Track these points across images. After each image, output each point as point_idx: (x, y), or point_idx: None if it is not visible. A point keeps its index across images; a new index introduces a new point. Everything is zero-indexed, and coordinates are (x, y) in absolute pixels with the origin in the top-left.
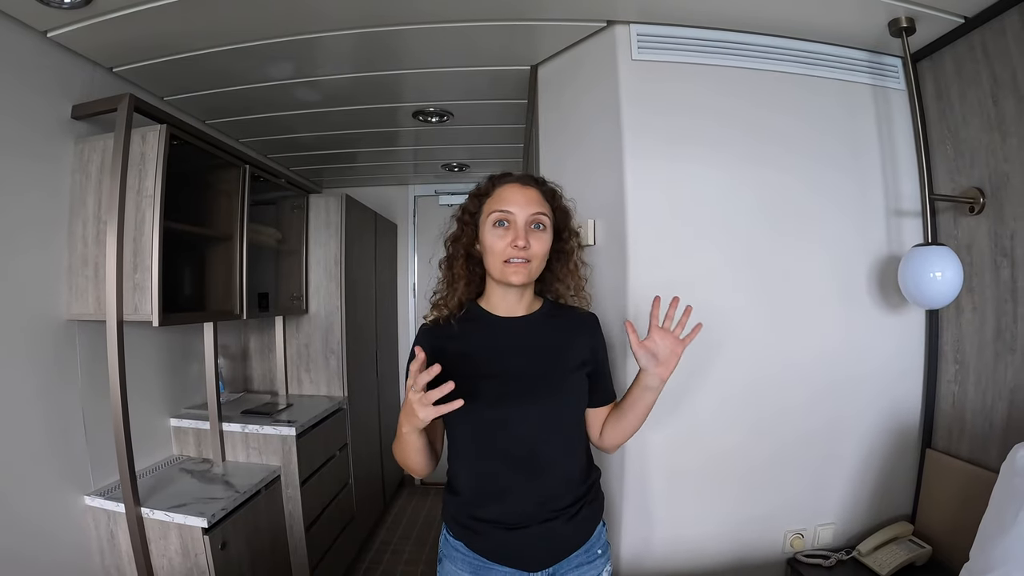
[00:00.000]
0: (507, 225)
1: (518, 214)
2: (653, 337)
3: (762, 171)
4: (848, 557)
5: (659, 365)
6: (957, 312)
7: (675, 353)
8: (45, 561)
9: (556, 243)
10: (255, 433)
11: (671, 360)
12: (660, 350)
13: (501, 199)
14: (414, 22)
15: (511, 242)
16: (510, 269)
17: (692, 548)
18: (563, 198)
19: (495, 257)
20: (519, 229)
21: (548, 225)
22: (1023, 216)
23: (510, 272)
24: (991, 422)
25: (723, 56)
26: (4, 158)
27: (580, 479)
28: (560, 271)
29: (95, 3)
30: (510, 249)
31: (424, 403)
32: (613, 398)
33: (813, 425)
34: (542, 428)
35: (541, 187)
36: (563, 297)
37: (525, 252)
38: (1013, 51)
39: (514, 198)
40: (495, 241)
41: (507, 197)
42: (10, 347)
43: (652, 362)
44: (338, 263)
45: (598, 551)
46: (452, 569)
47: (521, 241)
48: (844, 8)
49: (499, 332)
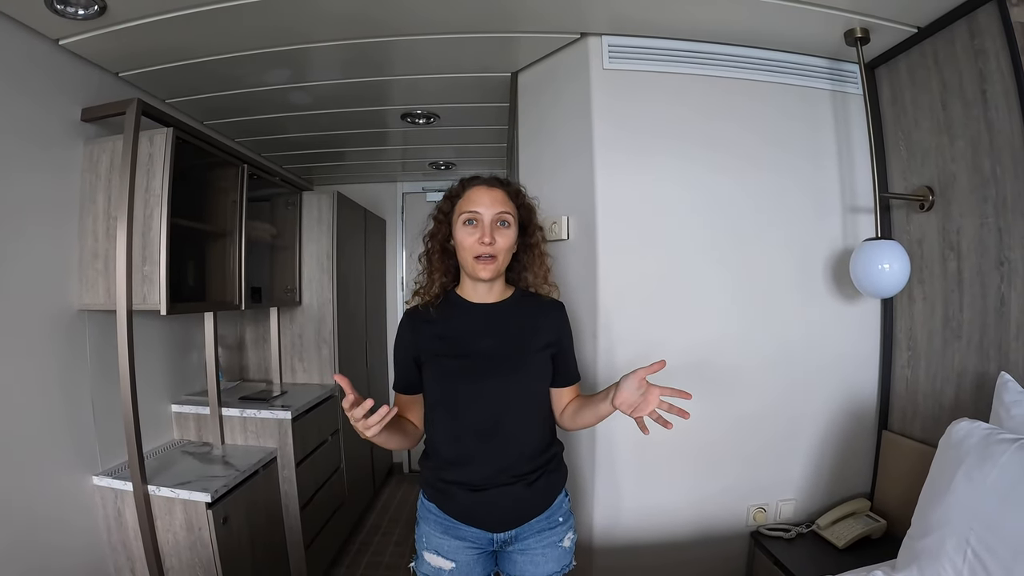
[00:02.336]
0: (475, 223)
1: (484, 213)
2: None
3: (725, 171)
4: (808, 530)
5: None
6: (909, 302)
7: (640, 413)
8: (55, 538)
9: (523, 237)
10: (253, 417)
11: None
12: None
13: (470, 200)
14: (402, 34)
15: (479, 239)
16: (480, 265)
17: (661, 520)
18: (527, 196)
19: (466, 252)
20: (486, 227)
21: (512, 222)
22: (968, 213)
23: (480, 268)
24: (940, 404)
25: (690, 65)
26: (18, 158)
27: (540, 449)
28: (527, 262)
29: (107, 15)
30: (478, 246)
31: (366, 428)
32: (577, 379)
33: (775, 407)
34: (506, 402)
35: (506, 187)
36: (532, 285)
37: (491, 248)
38: (961, 59)
39: (481, 199)
40: (465, 238)
41: (475, 198)
42: (26, 336)
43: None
44: (330, 257)
45: (559, 519)
46: (427, 530)
47: (487, 238)
48: (804, 19)
49: (472, 317)
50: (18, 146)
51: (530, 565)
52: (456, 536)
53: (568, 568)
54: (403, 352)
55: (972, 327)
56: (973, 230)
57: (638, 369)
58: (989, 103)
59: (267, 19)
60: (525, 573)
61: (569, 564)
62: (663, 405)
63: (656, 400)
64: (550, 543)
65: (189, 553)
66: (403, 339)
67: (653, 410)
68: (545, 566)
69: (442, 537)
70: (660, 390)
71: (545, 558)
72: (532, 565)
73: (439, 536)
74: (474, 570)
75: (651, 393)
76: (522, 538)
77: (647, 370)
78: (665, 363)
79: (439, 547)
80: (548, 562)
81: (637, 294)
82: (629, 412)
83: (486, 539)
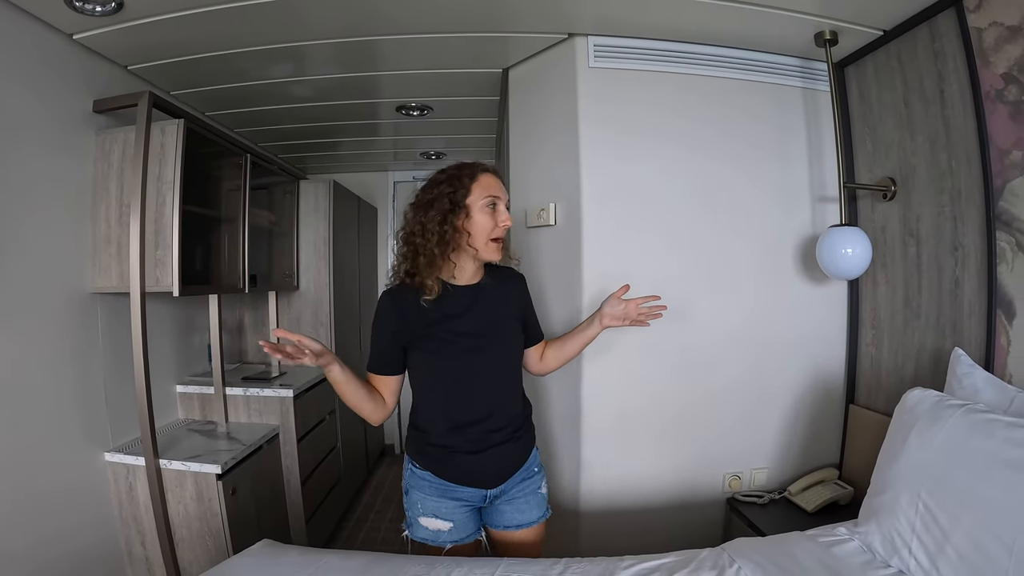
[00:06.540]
0: (495, 207)
1: (503, 198)
2: (629, 302)
3: (702, 163)
4: (780, 496)
5: (615, 319)
6: (873, 285)
7: (628, 319)
8: (67, 514)
9: None
10: (256, 396)
11: (623, 322)
12: (625, 313)
13: (488, 185)
14: (396, 33)
15: (500, 222)
16: (495, 246)
17: (644, 487)
18: None
19: (484, 235)
20: (502, 211)
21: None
22: (926, 202)
23: (494, 249)
24: (902, 378)
25: (671, 64)
26: (33, 147)
27: (520, 408)
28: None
29: (123, 12)
30: (498, 229)
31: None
32: (542, 337)
33: (748, 383)
34: (497, 371)
35: (501, 177)
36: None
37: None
38: (922, 61)
39: (497, 184)
40: (486, 220)
41: (491, 183)
42: (41, 318)
43: (618, 311)
44: (327, 243)
45: (535, 468)
46: (420, 496)
47: (509, 221)
48: (777, 22)
49: (459, 298)
50: (32, 136)
51: (517, 513)
52: (452, 497)
53: (547, 515)
54: (388, 336)
55: (930, 307)
56: (931, 218)
57: (610, 295)
58: (947, 102)
59: (269, 18)
60: (514, 521)
61: (547, 511)
62: (643, 311)
63: (635, 307)
64: (531, 491)
65: (199, 523)
66: (388, 322)
67: (637, 315)
68: (530, 513)
69: (439, 500)
70: (636, 300)
71: (528, 505)
72: (519, 513)
73: (435, 500)
74: (468, 526)
75: (630, 304)
76: (508, 490)
77: (619, 292)
78: (629, 287)
79: (436, 510)
80: (532, 508)
81: (619, 276)
82: (619, 323)
83: (480, 496)
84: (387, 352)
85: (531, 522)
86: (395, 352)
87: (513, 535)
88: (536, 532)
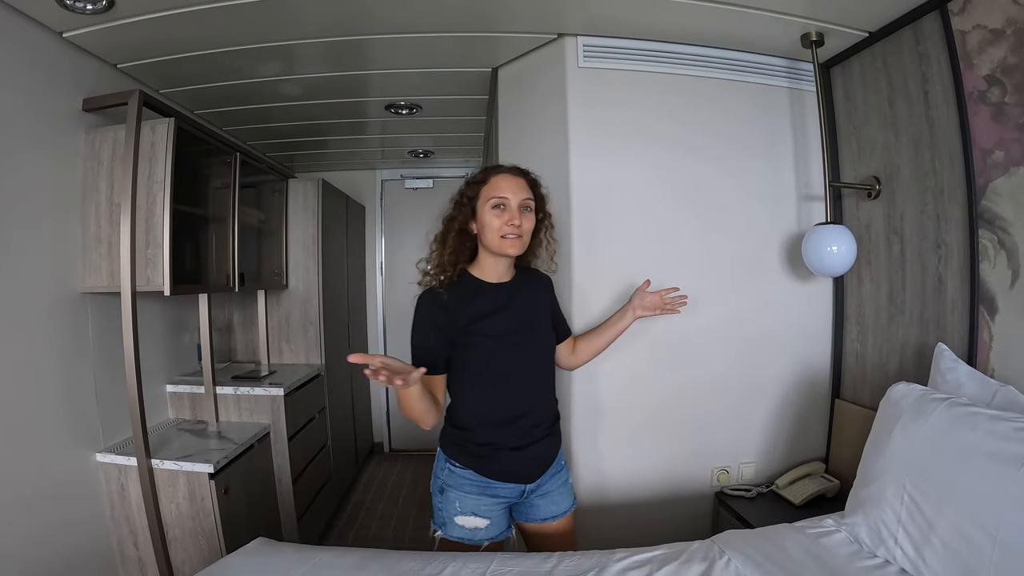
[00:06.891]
0: (503, 208)
1: (512, 199)
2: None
3: (689, 163)
4: (767, 490)
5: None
6: (858, 282)
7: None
8: (58, 515)
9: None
10: (246, 395)
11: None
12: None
13: (497, 187)
14: (386, 32)
15: (507, 221)
16: (507, 242)
17: (635, 482)
18: (541, 187)
19: (493, 233)
20: (513, 211)
21: (533, 208)
22: (910, 201)
23: (507, 245)
24: (886, 373)
25: (660, 64)
26: (22, 146)
27: (553, 404)
28: (536, 244)
29: (114, 11)
30: (506, 227)
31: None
32: (570, 333)
33: (735, 378)
34: (536, 367)
35: (527, 177)
36: (542, 263)
37: (518, 229)
38: (907, 62)
39: (507, 186)
40: (493, 220)
41: (502, 185)
42: (31, 318)
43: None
44: (315, 242)
45: (562, 462)
46: (459, 495)
47: (516, 220)
48: (764, 24)
49: (493, 296)
50: (21, 135)
51: (552, 505)
52: (491, 495)
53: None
54: (434, 335)
55: (914, 303)
56: (915, 216)
57: (636, 289)
58: (931, 103)
59: (261, 17)
60: (549, 513)
61: (575, 500)
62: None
63: (661, 298)
64: (562, 482)
65: (192, 523)
66: (434, 322)
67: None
68: (563, 503)
69: (478, 498)
70: (660, 292)
71: (562, 496)
72: (553, 505)
73: (475, 497)
74: (501, 523)
75: (656, 295)
76: (543, 484)
77: (643, 286)
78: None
79: (475, 508)
80: (564, 500)
81: (609, 275)
82: (651, 313)
83: (518, 492)
84: (436, 350)
85: (564, 512)
86: (445, 349)
87: (549, 526)
88: (569, 521)
